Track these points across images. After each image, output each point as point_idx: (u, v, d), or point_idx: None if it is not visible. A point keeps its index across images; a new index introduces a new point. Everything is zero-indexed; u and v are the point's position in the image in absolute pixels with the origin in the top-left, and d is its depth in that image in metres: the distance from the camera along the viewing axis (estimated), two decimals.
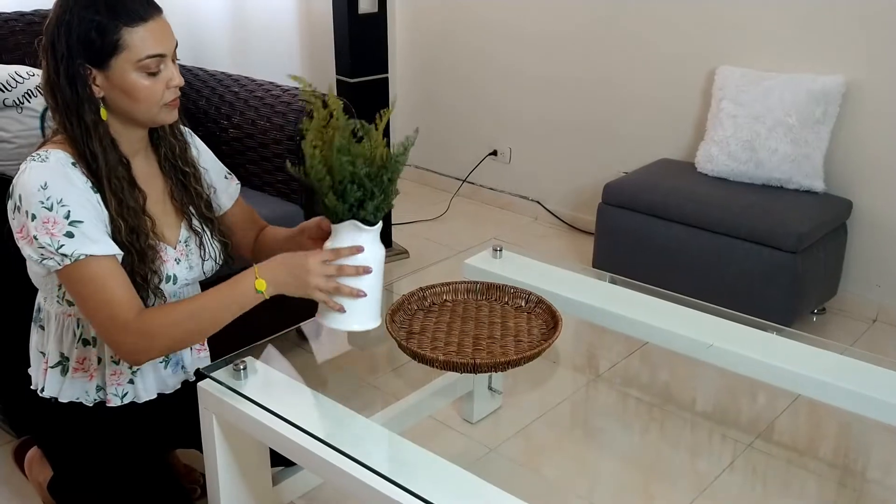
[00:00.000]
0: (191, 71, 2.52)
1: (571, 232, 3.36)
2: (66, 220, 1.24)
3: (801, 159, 2.52)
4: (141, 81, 1.27)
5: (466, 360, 1.37)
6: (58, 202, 1.24)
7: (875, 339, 2.54)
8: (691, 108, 2.91)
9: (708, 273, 2.51)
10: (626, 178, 2.83)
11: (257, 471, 1.48)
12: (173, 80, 1.31)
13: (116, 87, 1.28)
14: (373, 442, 1.27)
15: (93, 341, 1.41)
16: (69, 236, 1.24)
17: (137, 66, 1.26)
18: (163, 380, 1.49)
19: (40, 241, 1.23)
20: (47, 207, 1.24)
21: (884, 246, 2.59)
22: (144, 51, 1.26)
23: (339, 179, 1.23)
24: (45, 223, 1.23)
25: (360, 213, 1.26)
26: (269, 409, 1.31)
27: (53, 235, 1.23)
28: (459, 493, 1.15)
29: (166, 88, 1.30)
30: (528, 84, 3.38)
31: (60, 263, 1.25)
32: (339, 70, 2.91)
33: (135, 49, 1.25)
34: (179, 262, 1.43)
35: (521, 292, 1.59)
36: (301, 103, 2.22)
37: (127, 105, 1.30)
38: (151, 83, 1.28)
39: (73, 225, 1.24)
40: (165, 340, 1.30)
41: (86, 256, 1.25)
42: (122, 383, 1.44)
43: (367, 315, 1.31)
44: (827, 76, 2.51)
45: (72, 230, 1.24)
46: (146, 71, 1.27)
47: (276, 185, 2.30)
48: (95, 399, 1.44)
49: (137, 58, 1.26)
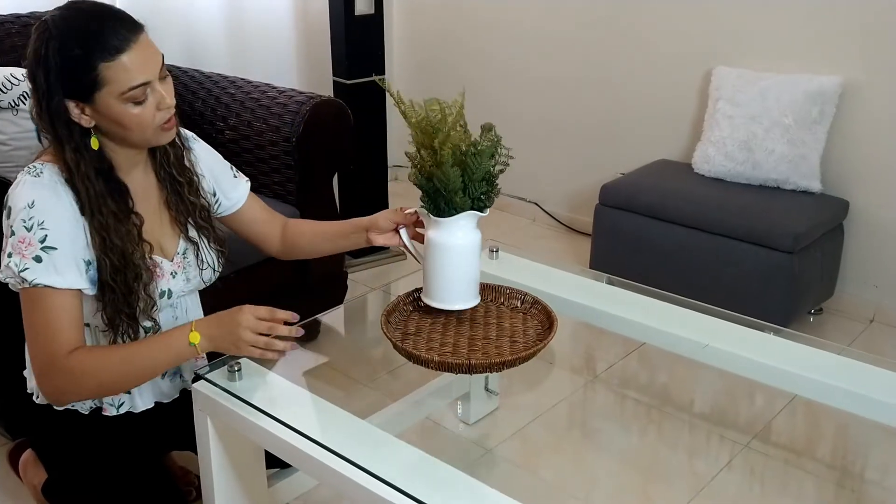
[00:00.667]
0: (186, 73, 2.52)
1: (569, 233, 3.36)
2: (40, 244, 1.22)
3: (797, 160, 2.52)
4: (129, 111, 1.23)
5: (461, 361, 1.37)
6: (38, 224, 1.22)
7: (872, 340, 2.54)
8: (688, 108, 2.91)
9: (705, 274, 2.51)
10: (623, 179, 2.83)
11: (252, 473, 1.48)
12: (164, 102, 1.26)
13: (105, 118, 1.24)
14: (368, 444, 1.26)
15: None
16: (37, 260, 1.22)
17: (122, 99, 1.22)
18: (160, 389, 1.48)
19: (12, 259, 1.22)
20: (27, 227, 1.22)
21: (881, 246, 2.59)
22: (127, 83, 1.21)
23: (471, 179, 1.35)
24: (20, 242, 1.22)
25: (481, 203, 1.39)
26: (263, 410, 1.31)
27: (23, 256, 1.21)
28: (455, 494, 1.14)
29: (157, 111, 1.26)
30: (526, 85, 3.38)
31: (19, 286, 1.23)
32: (335, 72, 2.91)
33: (116, 83, 1.20)
34: (176, 275, 1.41)
35: (517, 293, 1.59)
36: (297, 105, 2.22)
37: (119, 132, 1.27)
38: (140, 111, 1.24)
39: (45, 251, 1.22)
40: (92, 383, 1.27)
41: (43, 286, 1.22)
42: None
43: (469, 294, 1.46)
44: (823, 76, 2.51)
45: (41, 255, 1.22)
46: (133, 101, 1.22)
47: (273, 186, 2.30)
48: (91, 406, 1.44)
49: (120, 91, 1.21)
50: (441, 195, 1.37)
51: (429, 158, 1.38)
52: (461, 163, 1.35)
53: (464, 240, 1.41)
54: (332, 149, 2.31)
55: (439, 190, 1.37)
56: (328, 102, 2.26)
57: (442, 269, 1.44)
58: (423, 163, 1.39)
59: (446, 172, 1.33)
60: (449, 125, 1.37)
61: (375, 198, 3.04)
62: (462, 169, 1.35)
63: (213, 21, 2.98)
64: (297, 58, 3.32)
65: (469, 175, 1.36)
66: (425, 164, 1.39)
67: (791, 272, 2.36)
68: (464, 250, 1.41)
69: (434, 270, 1.45)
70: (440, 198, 1.38)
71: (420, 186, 1.41)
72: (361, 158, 2.94)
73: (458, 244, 1.41)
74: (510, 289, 1.60)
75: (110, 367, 1.28)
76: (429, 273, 1.46)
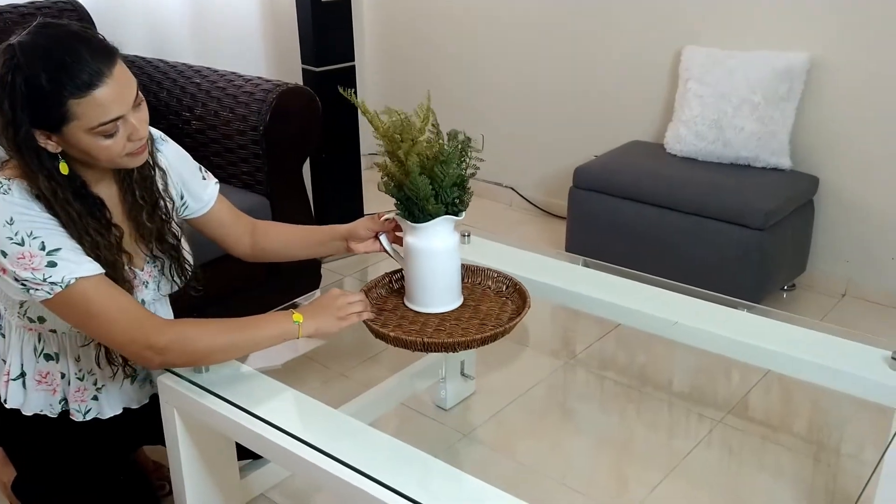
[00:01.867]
0: (150, 63, 2.48)
1: (546, 217, 3.36)
2: (44, 252, 1.18)
3: (767, 137, 2.53)
4: (98, 143, 1.18)
5: (415, 339, 1.35)
6: (28, 235, 1.18)
7: (844, 314, 2.56)
8: (659, 89, 2.91)
9: (678, 253, 2.51)
10: (596, 161, 2.82)
11: (224, 465, 1.46)
12: (135, 134, 1.21)
13: (73, 148, 1.20)
14: (340, 432, 1.25)
15: (55, 356, 1.38)
16: (52, 266, 1.18)
17: (92, 133, 1.17)
18: (129, 395, 1.46)
19: (21, 276, 1.18)
20: (18, 243, 1.18)
21: (851, 221, 2.61)
22: (97, 119, 1.16)
23: (440, 186, 1.36)
24: (20, 259, 1.18)
25: (456, 208, 1.40)
26: (232, 402, 1.29)
27: (35, 269, 1.18)
28: (429, 480, 1.14)
29: (128, 142, 1.21)
30: (498, 70, 3.36)
31: (51, 293, 1.19)
32: (304, 59, 2.87)
33: (86, 118, 1.15)
34: (148, 284, 1.40)
35: (491, 272, 1.58)
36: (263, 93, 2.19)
37: (87, 160, 1.23)
38: (110, 143, 1.19)
39: (51, 254, 1.19)
40: (201, 351, 1.30)
41: (76, 280, 1.19)
42: (87, 400, 1.41)
43: (451, 296, 1.48)
44: (791, 53, 2.52)
45: (52, 259, 1.19)
46: (103, 135, 1.18)
47: (242, 176, 2.27)
48: (60, 410, 1.42)
49: (89, 126, 1.16)
50: (413, 203, 1.38)
51: (397, 168, 1.38)
52: (429, 171, 1.36)
53: (442, 244, 1.41)
54: (301, 137, 2.28)
55: (411, 198, 1.37)
56: (295, 90, 2.23)
57: (423, 274, 1.44)
58: (392, 171, 1.39)
59: (415, 182, 1.34)
60: (415, 133, 1.37)
61: (349, 186, 3.01)
62: (431, 177, 1.35)
63: (178, 9, 2.92)
64: (266, 46, 3.28)
65: (438, 182, 1.36)
66: (395, 173, 1.39)
67: (763, 249, 2.37)
68: (442, 254, 1.42)
69: (415, 275, 1.45)
70: (413, 205, 1.38)
71: (392, 195, 1.41)
72: (334, 147, 2.91)
73: (437, 248, 1.41)
74: (486, 269, 1.59)
75: (217, 335, 1.29)
76: (410, 278, 1.46)
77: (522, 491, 1.10)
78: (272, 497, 1.73)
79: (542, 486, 1.77)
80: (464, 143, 1.39)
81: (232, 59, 3.04)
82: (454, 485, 1.14)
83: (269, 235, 1.58)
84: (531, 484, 1.78)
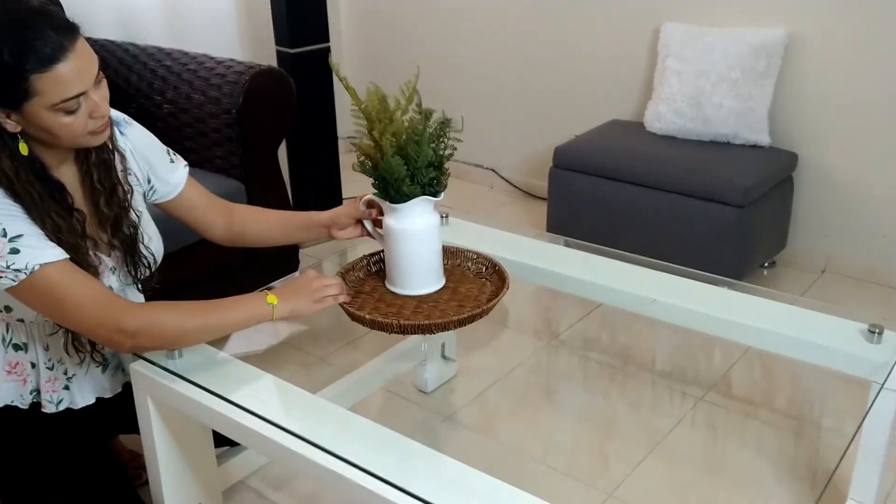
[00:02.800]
0: (121, 46, 2.42)
1: (527, 198, 3.34)
2: (6, 239, 1.16)
3: (745, 113, 2.52)
4: (59, 120, 1.16)
5: (391, 321, 1.34)
6: None
7: (825, 289, 2.57)
8: (638, 67, 2.89)
9: (659, 231, 2.51)
10: (576, 140, 2.80)
11: (200, 453, 1.44)
12: (97, 111, 1.20)
13: (33, 125, 1.18)
14: (319, 418, 1.23)
15: (24, 346, 1.36)
16: (14, 252, 1.16)
17: (53, 109, 1.15)
18: (101, 384, 1.43)
19: None
20: None
21: (830, 196, 2.61)
22: (59, 95, 1.14)
23: (416, 166, 1.33)
24: None
25: (433, 189, 1.37)
26: (207, 388, 1.27)
27: (0, 257, 1.15)
28: (409, 464, 1.12)
29: (90, 119, 1.20)
30: (477, 51, 3.33)
31: (15, 280, 1.17)
32: (277, 40, 2.82)
33: (47, 95, 1.13)
34: (115, 271, 1.37)
35: (470, 254, 1.57)
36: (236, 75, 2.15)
37: (47, 138, 1.21)
38: (71, 120, 1.17)
39: (13, 241, 1.16)
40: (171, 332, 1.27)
41: (40, 266, 1.17)
42: (58, 389, 1.38)
43: (431, 277, 1.45)
44: (768, 28, 2.50)
45: (15, 246, 1.16)
46: (64, 111, 1.16)
47: (215, 160, 2.23)
48: (32, 401, 1.39)
49: (51, 103, 1.14)
50: (389, 184, 1.36)
51: (373, 149, 1.36)
52: (403, 152, 1.33)
53: (421, 225, 1.39)
54: (275, 119, 2.24)
55: (387, 179, 1.35)
56: (268, 72, 2.20)
57: (402, 255, 1.42)
58: (368, 151, 1.37)
59: (388, 162, 1.32)
60: (389, 114, 1.35)
61: (327, 170, 2.98)
62: (405, 158, 1.33)
63: None
64: (239, 27, 3.23)
65: (412, 163, 1.34)
66: (371, 153, 1.37)
67: (742, 226, 2.37)
68: (421, 235, 1.40)
69: (394, 257, 1.43)
70: (389, 186, 1.36)
71: (368, 175, 1.39)
72: (310, 130, 2.87)
73: (416, 229, 1.39)
74: (467, 251, 1.57)
75: (189, 317, 1.27)
76: (389, 260, 1.44)
77: (504, 472, 1.09)
78: (251, 484, 1.72)
79: (525, 467, 1.77)
80: (442, 124, 1.37)
81: (205, 41, 2.98)
82: (435, 468, 1.13)
83: (248, 220, 1.55)
84: (513, 465, 1.78)
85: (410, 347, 2.02)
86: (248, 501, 1.68)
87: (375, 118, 1.35)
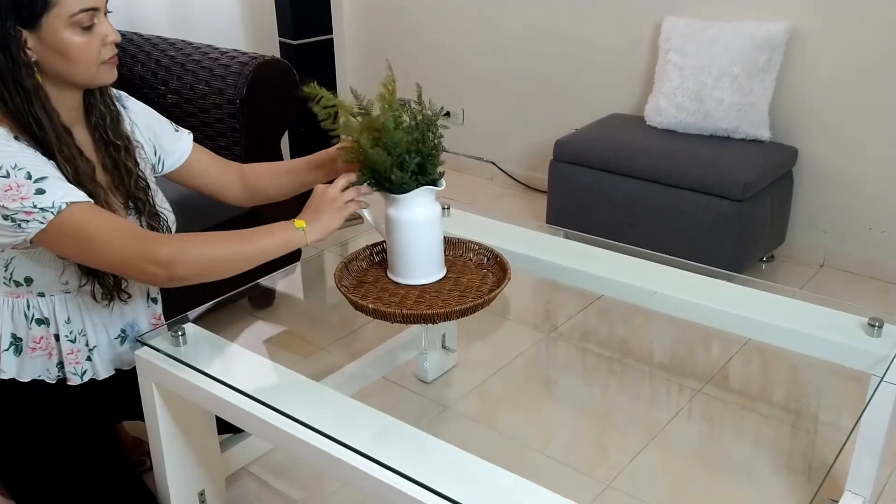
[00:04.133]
0: (125, 36, 2.43)
1: (526, 191, 3.35)
2: (31, 180, 1.18)
3: (746, 108, 2.53)
4: (75, 39, 1.22)
5: (394, 311, 1.35)
6: (12, 167, 1.18)
7: (822, 284, 2.59)
8: (640, 61, 2.90)
9: (659, 225, 2.52)
10: (576, 134, 2.81)
11: (204, 439, 1.45)
12: (109, 36, 1.26)
13: (49, 48, 1.22)
14: (321, 405, 1.24)
15: (46, 321, 1.36)
16: (41, 193, 1.18)
17: (70, 23, 1.20)
18: (119, 356, 1.44)
19: (11, 207, 1.17)
20: (2, 175, 1.17)
21: (829, 192, 2.62)
22: (76, 5, 1.20)
23: (397, 154, 1.32)
24: (7, 191, 1.17)
25: (427, 177, 1.36)
26: (211, 375, 1.28)
27: (24, 199, 1.17)
28: (411, 451, 1.14)
29: (102, 45, 1.25)
30: (478, 44, 3.33)
31: (44, 221, 1.18)
32: (281, 32, 2.83)
33: (65, 4, 1.19)
34: None
35: (472, 245, 1.58)
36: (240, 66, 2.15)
37: (63, 66, 1.24)
38: (87, 40, 1.23)
39: (39, 182, 1.19)
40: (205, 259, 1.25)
41: (68, 205, 1.19)
42: (81, 361, 1.39)
43: (433, 267, 1.46)
44: (770, 23, 2.51)
45: (40, 186, 1.19)
46: (79, 26, 1.21)
47: (219, 151, 2.22)
48: (58, 376, 1.40)
49: (69, 13, 1.20)
50: (382, 176, 1.36)
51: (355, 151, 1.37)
52: (381, 143, 1.34)
53: (423, 215, 1.40)
54: (279, 110, 2.25)
55: (378, 171, 1.36)
56: (272, 62, 2.20)
57: (404, 245, 1.43)
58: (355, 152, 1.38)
59: (370, 156, 1.33)
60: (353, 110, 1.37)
61: None
62: (384, 148, 1.34)
63: None
64: (242, 18, 3.23)
65: (393, 151, 1.33)
66: (357, 155, 1.38)
67: (742, 220, 2.38)
68: (424, 225, 1.41)
69: (396, 247, 1.44)
70: (382, 179, 1.37)
71: (364, 175, 1.39)
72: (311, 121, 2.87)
73: (418, 219, 1.40)
74: (467, 241, 1.58)
75: (222, 244, 1.26)
76: (391, 250, 1.45)
77: (504, 461, 1.10)
78: (253, 471, 1.73)
79: (524, 456, 1.78)
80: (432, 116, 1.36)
81: (208, 32, 2.99)
82: (437, 455, 1.14)
83: (261, 175, 1.57)
84: (513, 455, 1.79)
85: (411, 338, 2.04)
86: (249, 488, 1.70)
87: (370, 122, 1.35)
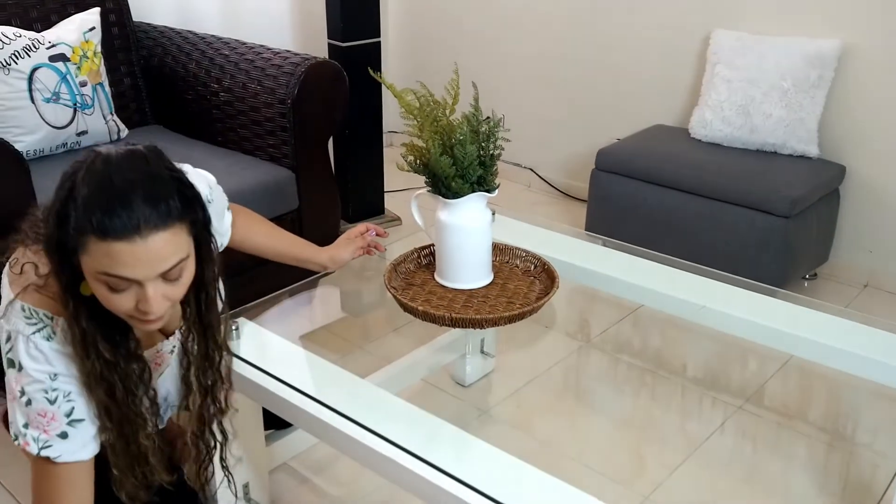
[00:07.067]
0: (180, 33, 2.48)
1: (564, 199, 3.35)
2: (67, 419, 1.10)
3: (795, 124, 2.51)
4: (101, 290, 1.02)
5: (443, 314, 1.36)
6: (65, 396, 1.09)
7: (866, 304, 2.55)
8: (686, 73, 2.89)
9: (700, 238, 2.51)
10: (619, 144, 2.81)
11: (251, 432, 1.48)
12: (143, 305, 1.02)
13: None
14: (367, 401, 1.27)
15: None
16: (62, 437, 1.10)
17: (95, 277, 1.01)
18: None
19: (30, 432, 1.09)
20: (50, 399, 1.09)
21: (876, 211, 2.59)
22: (101, 266, 0.99)
23: (465, 165, 1.36)
24: (40, 416, 1.09)
25: (485, 186, 1.41)
26: (262, 369, 1.31)
27: (46, 432, 1.09)
28: (453, 450, 1.15)
29: (136, 308, 1.03)
30: (522, 51, 3.34)
31: (36, 453, 1.10)
32: (330, 34, 2.87)
33: (91, 259, 0.99)
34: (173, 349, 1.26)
35: (519, 251, 1.59)
36: (292, 67, 2.19)
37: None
38: (115, 297, 1.02)
39: (71, 425, 1.10)
40: None
41: (66, 463, 1.11)
42: None
43: (480, 273, 1.50)
44: (823, 40, 2.49)
45: (68, 430, 1.10)
46: (106, 285, 1.01)
47: (268, 149, 2.28)
48: None
49: (94, 269, 1.00)
50: (440, 180, 1.39)
51: (421, 149, 1.40)
52: (450, 152, 1.37)
53: (474, 220, 1.42)
54: (328, 111, 2.28)
55: (437, 175, 1.38)
56: (324, 64, 2.24)
57: (453, 250, 1.45)
58: (418, 150, 1.41)
59: (437, 161, 1.35)
60: (435, 114, 1.38)
61: (372, 163, 3.02)
62: (452, 157, 1.36)
63: None
64: (292, 20, 3.28)
65: (459, 163, 1.36)
66: (421, 152, 1.40)
67: (786, 237, 2.36)
68: (474, 230, 1.43)
69: (446, 251, 1.46)
70: (440, 183, 1.40)
71: (419, 173, 1.42)
72: (356, 123, 2.91)
73: (469, 225, 1.42)
74: (515, 248, 1.59)
75: None
76: (441, 254, 1.47)
77: (541, 468, 1.11)
78: (293, 466, 1.76)
79: (560, 464, 1.78)
80: (492, 126, 1.40)
81: (258, 32, 3.04)
82: (477, 455, 1.16)
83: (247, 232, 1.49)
84: (549, 461, 1.78)
85: (451, 341, 2.05)
86: (289, 483, 1.73)
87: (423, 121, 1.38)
